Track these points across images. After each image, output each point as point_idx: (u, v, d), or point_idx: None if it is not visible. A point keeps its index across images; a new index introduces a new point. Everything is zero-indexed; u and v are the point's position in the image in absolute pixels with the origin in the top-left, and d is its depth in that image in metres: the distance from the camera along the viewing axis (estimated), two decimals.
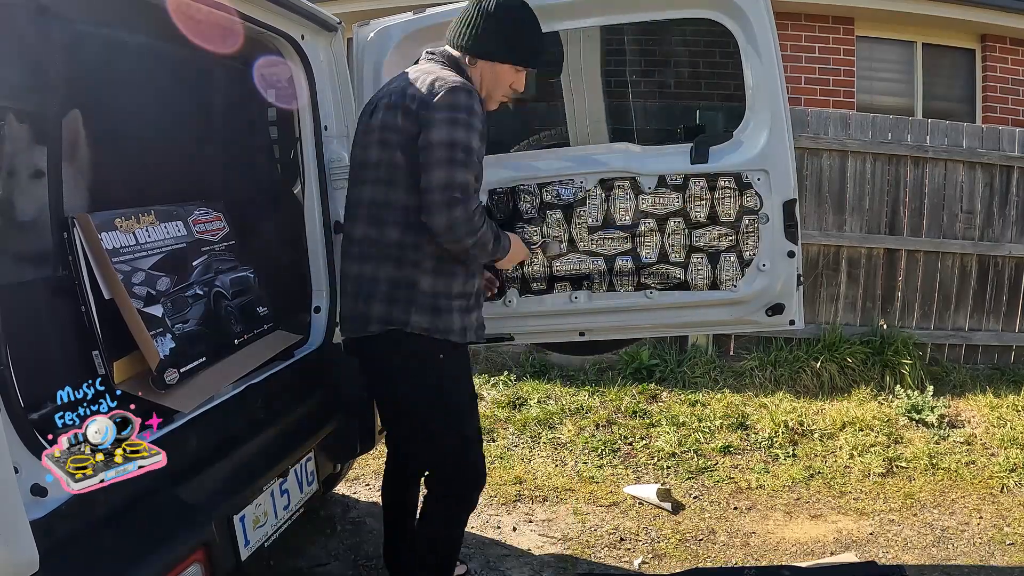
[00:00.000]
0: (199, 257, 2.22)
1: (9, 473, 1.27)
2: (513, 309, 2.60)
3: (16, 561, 1.25)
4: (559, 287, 2.58)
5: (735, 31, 2.44)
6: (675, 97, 6.24)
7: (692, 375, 4.54)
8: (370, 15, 2.68)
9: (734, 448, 3.81)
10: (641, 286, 2.55)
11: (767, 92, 2.43)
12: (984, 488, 3.39)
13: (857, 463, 3.62)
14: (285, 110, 2.64)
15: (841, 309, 4.83)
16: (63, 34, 1.93)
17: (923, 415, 4.04)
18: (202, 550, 1.63)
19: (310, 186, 2.55)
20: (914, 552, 2.91)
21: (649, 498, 3.28)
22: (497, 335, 2.60)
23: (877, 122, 4.72)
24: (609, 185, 2.51)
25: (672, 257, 2.53)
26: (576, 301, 2.57)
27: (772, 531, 3.09)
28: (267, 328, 2.41)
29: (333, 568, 2.82)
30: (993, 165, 4.74)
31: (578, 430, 3.99)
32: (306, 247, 2.57)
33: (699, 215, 2.50)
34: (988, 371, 4.79)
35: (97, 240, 1.84)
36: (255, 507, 1.97)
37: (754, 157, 2.45)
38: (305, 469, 2.27)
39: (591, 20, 2.62)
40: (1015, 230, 4.80)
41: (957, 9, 6.22)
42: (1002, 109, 6.55)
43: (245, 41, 2.30)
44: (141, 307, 1.90)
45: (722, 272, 2.51)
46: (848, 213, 4.75)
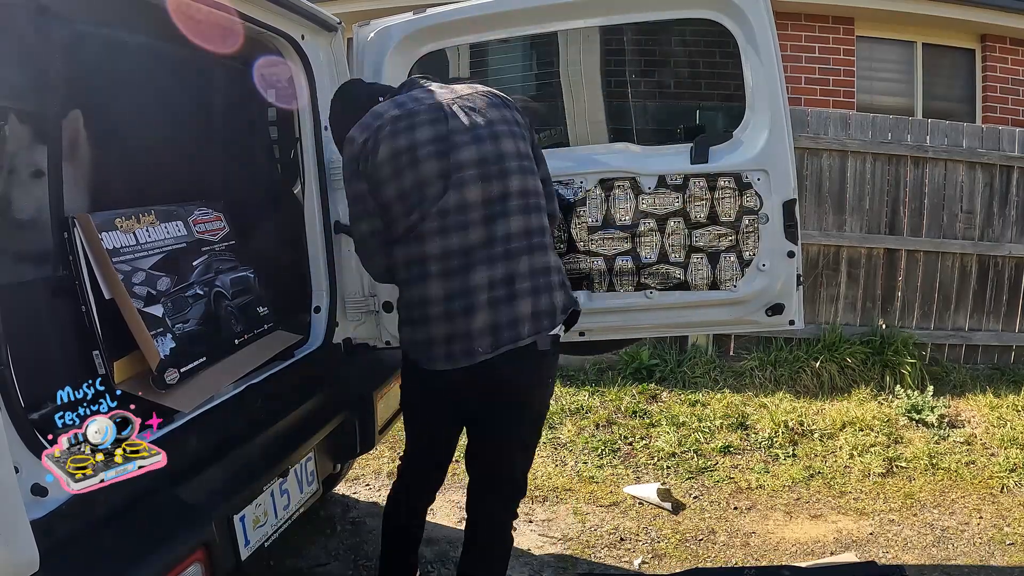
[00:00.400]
0: (199, 257, 2.22)
1: (9, 473, 1.27)
2: None
3: (16, 561, 1.25)
4: None
5: (735, 31, 2.44)
6: (675, 97, 6.23)
7: (692, 375, 4.54)
8: (370, 15, 2.68)
9: (734, 448, 3.81)
10: (641, 286, 2.54)
11: (767, 92, 2.43)
12: (984, 488, 3.39)
13: (857, 463, 3.62)
14: (285, 110, 2.64)
15: (841, 309, 4.83)
16: (63, 34, 1.93)
17: (923, 415, 4.04)
18: (202, 550, 1.63)
19: (310, 186, 2.55)
20: (914, 552, 2.91)
21: (649, 498, 3.28)
22: None
23: (877, 122, 4.72)
24: (609, 185, 2.51)
25: (672, 257, 2.53)
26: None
27: (772, 531, 3.09)
28: (267, 328, 2.41)
29: (333, 568, 2.82)
30: (993, 165, 4.74)
31: (578, 430, 3.99)
32: (306, 247, 2.57)
33: (699, 215, 2.50)
34: (988, 371, 4.80)
35: (97, 240, 1.84)
36: (255, 507, 1.97)
37: (754, 157, 2.45)
38: (305, 469, 2.27)
39: (591, 20, 2.62)
40: (1015, 230, 4.80)
41: (957, 9, 6.22)
42: (1002, 109, 6.55)
43: (245, 41, 2.30)
44: (141, 307, 1.89)
45: (722, 272, 2.51)
46: (848, 213, 4.75)
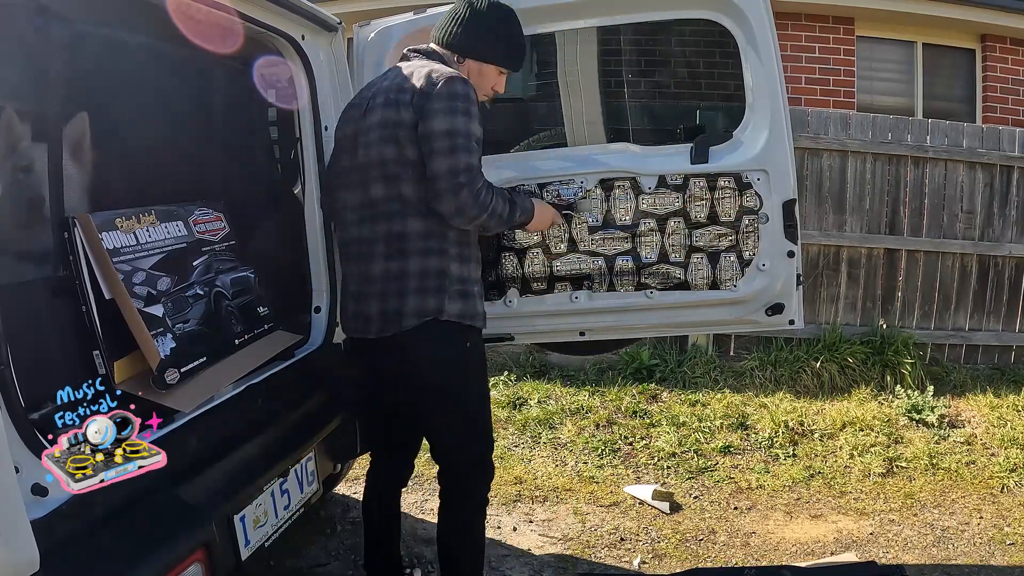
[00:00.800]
0: (199, 257, 2.22)
1: (10, 472, 1.27)
2: (513, 309, 2.59)
3: (16, 561, 1.25)
4: (559, 287, 2.58)
5: (735, 31, 2.44)
6: (675, 97, 6.24)
7: (692, 375, 4.54)
8: (370, 15, 2.68)
9: (734, 448, 3.81)
10: (641, 286, 2.55)
11: (767, 92, 2.43)
12: (984, 488, 3.39)
13: (857, 463, 3.62)
14: (285, 110, 2.64)
15: (841, 309, 4.83)
16: (63, 34, 1.93)
17: (923, 415, 4.04)
18: (202, 550, 1.63)
19: (310, 186, 2.55)
20: (914, 552, 2.91)
21: (646, 499, 3.29)
22: (497, 335, 2.60)
23: (877, 122, 4.72)
24: (609, 185, 2.51)
25: (672, 257, 2.53)
26: (576, 301, 2.57)
27: (772, 531, 3.09)
28: (267, 328, 2.41)
29: (333, 568, 2.83)
30: (993, 165, 4.74)
31: (578, 430, 3.99)
32: (306, 247, 2.57)
33: (699, 215, 2.50)
34: (988, 371, 4.80)
35: (98, 240, 1.84)
36: (255, 507, 1.97)
37: (754, 157, 2.46)
38: (305, 469, 2.27)
39: (591, 20, 2.63)
40: (1015, 230, 4.80)
41: (957, 9, 6.22)
42: (1002, 109, 6.55)
43: (245, 41, 2.30)
44: (142, 307, 1.89)
45: (722, 272, 2.51)
46: (848, 213, 4.75)
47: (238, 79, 2.58)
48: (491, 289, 2.58)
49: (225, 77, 2.59)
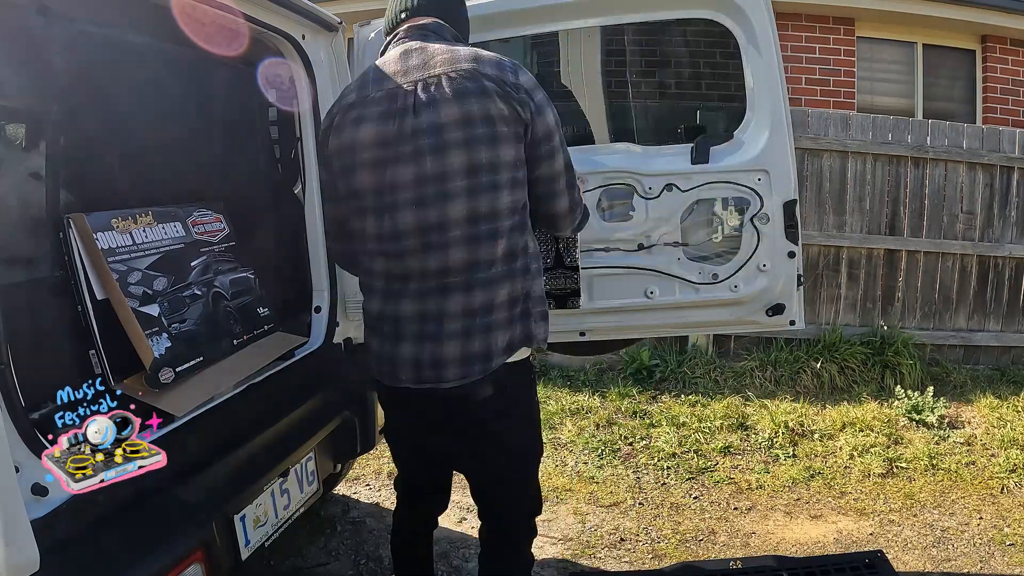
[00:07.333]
0: (198, 258, 2.22)
1: (10, 472, 1.27)
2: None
3: (16, 561, 1.25)
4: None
5: (735, 31, 2.44)
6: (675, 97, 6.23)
7: (692, 376, 4.54)
8: (370, 15, 2.67)
9: (734, 448, 3.81)
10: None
11: (767, 93, 2.43)
12: (984, 489, 3.39)
13: (857, 463, 3.62)
14: (286, 110, 2.63)
15: (841, 310, 4.83)
16: (63, 34, 1.93)
17: (923, 416, 4.04)
18: (202, 550, 1.63)
19: (310, 186, 2.54)
20: (914, 552, 2.91)
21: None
22: None
23: (877, 123, 4.72)
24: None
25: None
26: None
27: (772, 531, 3.08)
28: (267, 329, 2.41)
29: (333, 568, 2.82)
30: (993, 166, 4.74)
31: (578, 430, 3.98)
32: (306, 247, 2.57)
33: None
34: (988, 372, 4.80)
35: (92, 240, 1.84)
36: (255, 507, 1.97)
37: (754, 157, 2.45)
38: (305, 469, 2.27)
39: (591, 20, 2.62)
40: (1015, 231, 4.81)
41: (957, 10, 6.22)
42: (1002, 110, 6.55)
43: (246, 41, 2.29)
44: (137, 306, 1.89)
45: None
46: (848, 214, 4.75)
47: (238, 79, 2.58)
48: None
49: (225, 77, 2.59)
